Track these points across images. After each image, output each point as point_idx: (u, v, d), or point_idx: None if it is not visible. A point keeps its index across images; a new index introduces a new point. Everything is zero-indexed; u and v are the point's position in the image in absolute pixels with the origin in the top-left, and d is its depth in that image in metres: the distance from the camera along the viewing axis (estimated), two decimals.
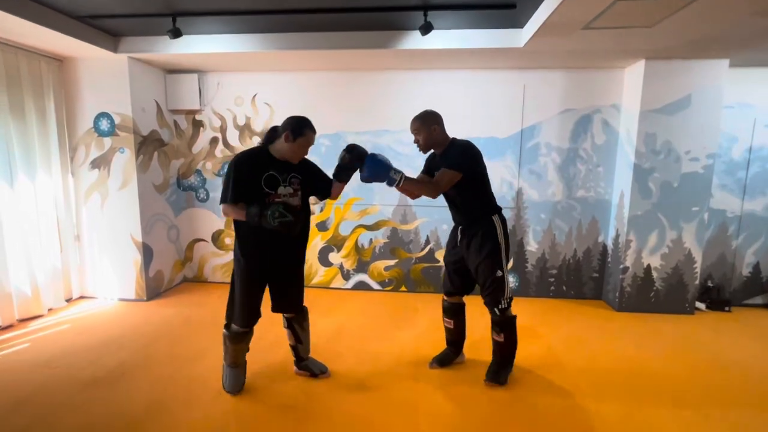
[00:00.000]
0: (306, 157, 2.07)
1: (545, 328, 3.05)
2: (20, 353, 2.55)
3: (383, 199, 3.75)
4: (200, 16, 2.69)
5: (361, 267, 3.87)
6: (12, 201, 2.94)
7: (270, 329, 2.67)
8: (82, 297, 3.59)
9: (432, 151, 2.25)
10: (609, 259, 3.62)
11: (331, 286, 3.93)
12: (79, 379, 2.25)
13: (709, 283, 3.59)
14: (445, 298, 2.46)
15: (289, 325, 2.25)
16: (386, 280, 3.87)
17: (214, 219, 3.98)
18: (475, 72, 3.51)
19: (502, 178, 3.61)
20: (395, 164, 2.03)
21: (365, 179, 1.99)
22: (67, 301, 3.46)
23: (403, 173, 1.99)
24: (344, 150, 2.03)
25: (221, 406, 2.04)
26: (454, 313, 2.44)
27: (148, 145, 3.52)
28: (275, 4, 2.52)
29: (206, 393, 2.15)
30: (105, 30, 3.01)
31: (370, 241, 3.83)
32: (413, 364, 2.49)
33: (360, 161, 1.98)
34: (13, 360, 2.46)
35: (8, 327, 2.92)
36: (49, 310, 3.25)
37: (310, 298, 3.62)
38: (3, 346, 2.65)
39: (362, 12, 2.59)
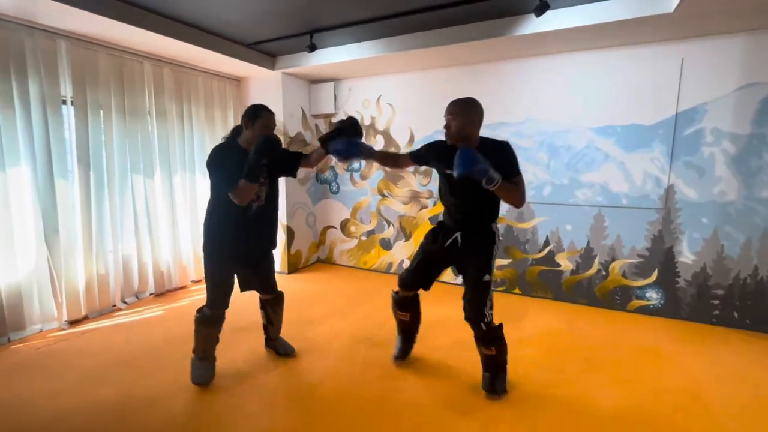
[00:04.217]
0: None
1: (693, 360, 2.45)
2: (193, 304, 3.43)
3: None
4: (331, 30, 3.10)
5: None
6: (205, 190, 3.96)
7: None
8: None
9: (441, 144, 2.08)
10: None
11: (441, 279, 3.98)
12: (232, 326, 2.90)
13: None
14: (401, 292, 2.32)
15: (263, 306, 2.40)
16: (498, 280, 3.71)
17: (343, 209, 4.50)
18: (610, 51, 3.03)
19: (646, 172, 3.03)
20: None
21: (463, 173, 1.73)
22: None
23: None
24: (347, 123, 2.07)
25: (324, 362, 2.40)
26: (412, 305, 2.37)
27: (294, 145, 4.23)
28: (392, 9, 2.72)
29: (315, 350, 2.54)
30: (266, 52, 3.76)
31: None
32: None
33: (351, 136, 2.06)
34: (186, 310, 3.28)
35: (182, 288, 3.85)
36: None
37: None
38: (187, 298, 3.60)
39: (473, 3, 2.56)
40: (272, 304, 2.39)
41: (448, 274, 3.98)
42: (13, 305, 2.64)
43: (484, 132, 2.02)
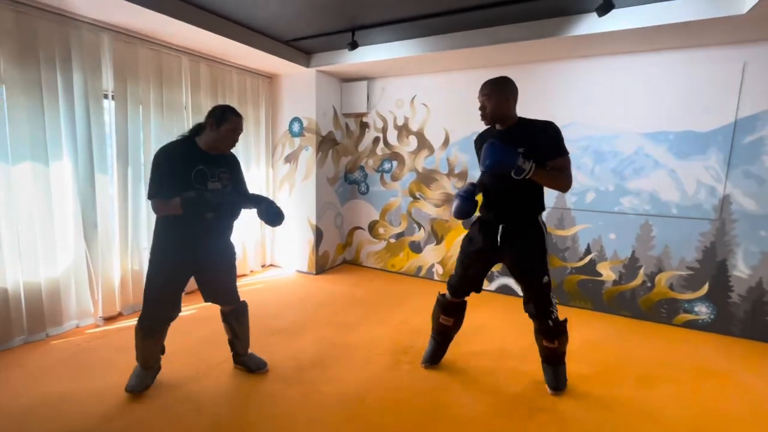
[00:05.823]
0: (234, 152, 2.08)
1: (757, 381, 2.33)
2: None
3: None
4: (373, 27, 3.02)
5: (507, 270, 3.70)
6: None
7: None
8: (272, 265, 4.53)
9: (485, 131, 2.08)
10: None
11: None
12: (267, 327, 2.86)
13: None
14: (450, 297, 2.25)
15: (225, 319, 2.18)
16: None
17: (371, 210, 4.43)
18: (665, 53, 2.91)
19: (699, 181, 2.90)
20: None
21: (488, 168, 1.75)
22: (262, 266, 4.42)
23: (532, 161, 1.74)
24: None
25: (365, 371, 2.30)
26: (458, 311, 2.29)
27: (325, 144, 4.17)
28: (439, 7, 2.64)
29: (355, 357, 2.46)
30: (301, 50, 3.70)
31: None
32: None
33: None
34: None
35: None
36: (251, 271, 4.21)
37: None
38: None
39: (527, 2, 2.47)
40: (235, 315, 2.19)
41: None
42: (52, 300, 2.61)
43: None
